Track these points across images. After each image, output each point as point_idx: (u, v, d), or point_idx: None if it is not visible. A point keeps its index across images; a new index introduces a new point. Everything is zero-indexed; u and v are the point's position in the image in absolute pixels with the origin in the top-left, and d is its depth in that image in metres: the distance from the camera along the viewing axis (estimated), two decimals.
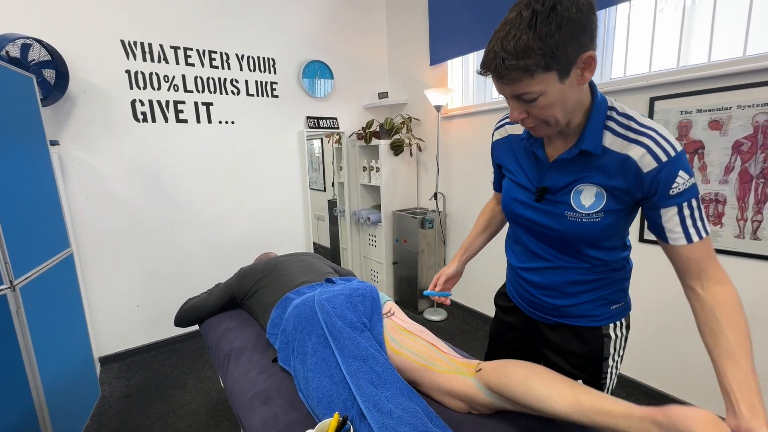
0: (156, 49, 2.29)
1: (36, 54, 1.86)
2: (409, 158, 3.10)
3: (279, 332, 1.18)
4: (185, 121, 2.45)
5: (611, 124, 0.73)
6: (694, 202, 0.71)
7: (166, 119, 2.38)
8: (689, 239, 0.72)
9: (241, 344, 1.32)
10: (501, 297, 1.09)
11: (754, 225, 1.48)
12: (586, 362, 0.88)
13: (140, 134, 2.32)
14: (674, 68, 1.68)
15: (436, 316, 2.88)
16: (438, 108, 2.63)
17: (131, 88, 2.25)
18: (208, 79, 2.48)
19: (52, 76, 1.93)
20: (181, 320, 1.64)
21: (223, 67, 2.53)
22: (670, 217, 0.72)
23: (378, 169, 3.03)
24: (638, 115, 0.73)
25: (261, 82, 2.69)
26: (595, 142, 0.73)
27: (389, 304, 1.24)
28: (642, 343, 1.87)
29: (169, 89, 2.36)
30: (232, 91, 2.58)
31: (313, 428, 0.79)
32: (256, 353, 1.25)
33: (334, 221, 3.62)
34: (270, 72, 2.72)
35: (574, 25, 0.60)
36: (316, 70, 2.90)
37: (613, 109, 0.74)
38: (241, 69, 2.60)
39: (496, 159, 0.96)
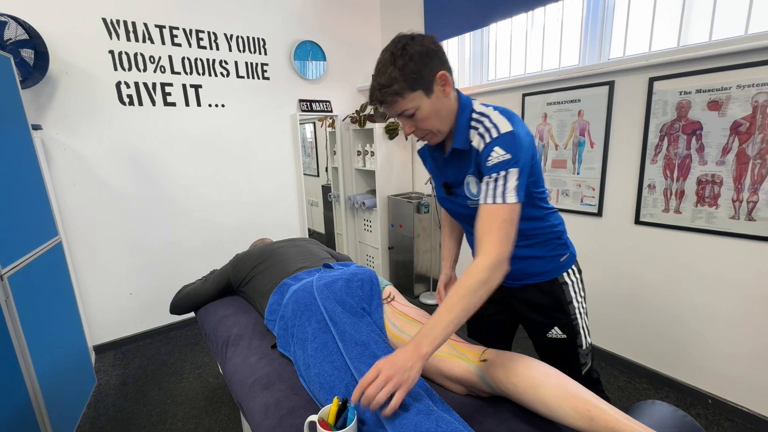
0: (140, 29, 2.20)
1: (12, 33, 1.77)
2: (404, 142, 3.06)
3: (278, 318, 1.17)
4: (173, 104, 2.37)
5: (472, 122, 0.90)
6: (502, 173, 0.81)
7: (153, 102, 2.30)
8: (485, 200, 0.83)
9: (239, 331, 1.30)
10: None
11: (749, 206, 1.49)
12: (555, 310, 1.03)
13: (127, 118, 2.24)
14: (674, 48, 1.66)
15: (432, 300, 2.90)
16: None
17: (115, 69, 2.16)
18: (196, 60, 2.39)
19: (30, 56, 1.84)
20: (176, 308, 1.62)
21: (211, 48, 2.44)
22: (483, 183, 0.84)
23: (372, 154, 2.99)
24: (488, 110, 0.89)
25: (251, 64, 2.60)
26: (462, 140, 0.90)
27: (389, 289, 1.23)
28: (636, 324, 1.90)
29: (155, 71, 2.28)
30: (222, 73, 2.50)
31: (315, 414, 0.78)
32: (255, 339, 1.24)
33: (328, 207, 3.59)
34: (260, 53, 2.63)
35: (421, 55, 0.82)
36: (308, 51, 2.82)
37: (473, 110, 0.91)
38: (230, 50, 2.51)
39: (424, 162, 1.14)
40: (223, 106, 2.54)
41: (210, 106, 2.50)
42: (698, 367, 1.74)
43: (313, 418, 0.77)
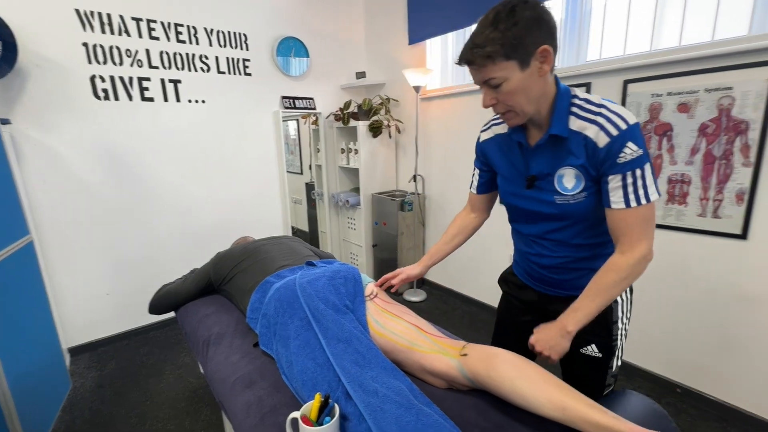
0: (116, 21, 2.13)
1: None
2: (388, 140, 3.07)
3: (260, 316, 1.16)
4: (151, 99, 2.31)
5: (574, 108, 0.82)
6: (638, 172, 0.77)
7: (130, 97, 2.24)
8: (628, 204, 0.78)
9: (220, 329, 1.29)
10: (509, 277, 1.14)
11: (715, 204, 1.57)
12: (599, 327, 0.93)
13: (102, 113, 2.17)
14: (647, 51, 1.72)
15: (416, 297, 2.93)
16: (417, 89, 2.59)
17: (90, 62, 2.09)
18: (174, 54, 2.34)
19: None
20: (155, 307, 1.59)
21: (190, 42, 2.38)
22: (615, 183, 0.79)
23: (356, 151, 2.99)
24: (595, 98, 0.82)
25: (232, 59, 2.56)
26: (561, 126, 0.82)
27: (371, 286, 1.24)
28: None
29: (132, 65, 2.21)
30: (202, 68, 2.45)
31: (298, 411, 0.78)
32: (237, 338, 1.23)
33: (312, 204, 3.57)
34: (242, 48, 2.59)
35: (529, 22, 0.73)
36: (290, 48, 2.79)
37: (575, 96, 0.84)
38: (210, 44, 2.46)
39: (485, 158, 1.04)
40: (203, 101, 2.49)
41: (190, 101, 2.44)
42: (668, 358, 1.82)
43: (296, 414, 0.78)
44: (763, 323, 1.52)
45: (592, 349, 0.95)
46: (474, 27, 0.79)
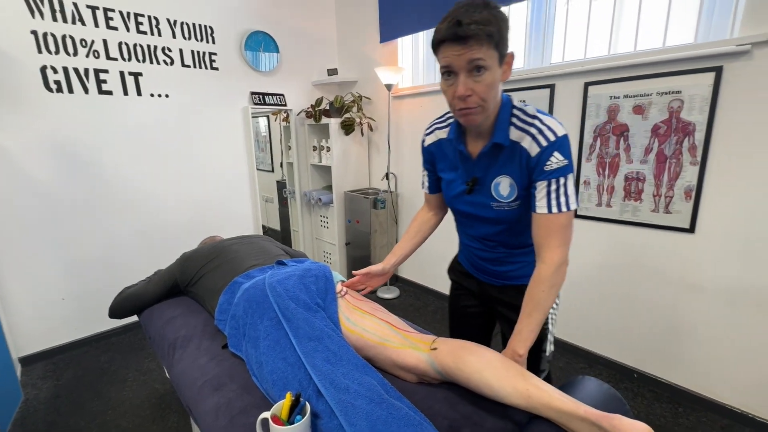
0: (68, 8, 2.00)
1: None
2: (361, 138, 3.06)
3: (228, 318, 1.14)
4: (110, 92, 2.19)
5: (513, 119, 0.86)
6: (561, 180, 0.82)
7: (86, 90, 2.11)
8: (550, 209, 0.84)
9: (187, 332, 1.25)
10: (456, 266, 1.22)
11: (666, 200, 1.68)
12: None
13: (55, 106, 2.04)
14: (605, 56, 1.81)
15: (389, 294, 2.95)
16: (389, 87, 2.61)
17: (40, 52, 1.96)
18: (135, 45, 2.23)
19: None
20: (116, 311, 1.51)
21: (152, 33, 2.28)
22: (541, 189, 0.84)
23: (329, 149, 2.96)
24: (530, 109, 0.86)
25: (198, 52, 2.47)
26: (503, 135, 0.86)
27: (342, 284, 1.24)
28: (574, 309, 2.07)
29: (88, 55, 2.09)
30: (165, 61, 2.35)
31: (268, 411, 0.78)
32: (205, 340, 1.20)
33: (283, 203, 3.51)
34: (208, 41, 2.50)
35: (506, 23, 0.76)
36: (259, 42, 2.72)
37: (514, 106, 0.87)
38: (174, 36, 2.36)
39: (431, 161, 1.08)
40: (167, 96, 2.39)
41: (152, 95, 2.34)
42: (624, 345, 1.93)
43: (266, 415, 0.77)
44: (708, 311, 1.64)
45: None
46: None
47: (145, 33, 2.25)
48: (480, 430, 0.82)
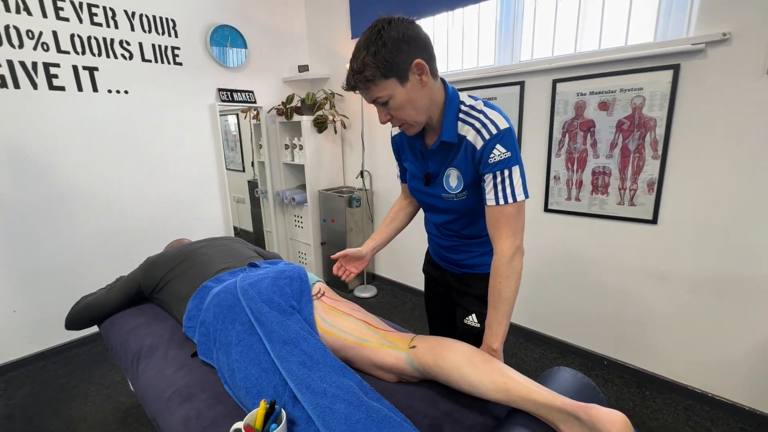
0: None
1: None
2: (334, 135, 3.02)
3: (197, 324, 1.08)
4: (61, 88, 2.04)
5: (461, 114, 0.89)
6: (506, 172, 0.85)
7: (34, 85, 1.96)
8: (497, 201, 0.86)
9: (153, 341, 1.18)
10: (426, 256, 1.27)
11: (631, 193, 1.75)
12: (478, 299, 1.04)
13: None
14: (572, 54, 1.86)
15: (366, 293, 2.93)
16: None
17: None
18: (89, 38, 2.09)
19: None
20: (74, 322, 1.42)
21: (108, 25, 2.14)
22: (488, 182, 0.87)
23: (301, 147, 2.90)
24: (478, 104, 0.89)
25: (159, 46, 2.34)
26: (451, 133, 0.89)
27: (319, 285, 1.21)
28: (547, 301, 2.12)
29: (35, 48, 1.94)
30: (123, 55, 2.22)
31: (241, 420, 0.74)
32: (172, 349, 1.13)
33: (255, 203, 3.41)
34: (170, 35, 2.38)
35: (397, 41, 0.77)
36: (226, 37, 2.62)
37: (462, 102, 0.90)
38: (132, 29, 2.23)
39: (398, 151, 1.11)
40: (126, 92, 2.26)
41: (110, 92, 2.20)
42: (595, 334, 2.00)
43: (239, 425, 0.73)
44: (671, 298, 1.73)
45: (472, 320, 1.08)
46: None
47: (100, 25, 2.11)
48: (460, 427, 0.82)
